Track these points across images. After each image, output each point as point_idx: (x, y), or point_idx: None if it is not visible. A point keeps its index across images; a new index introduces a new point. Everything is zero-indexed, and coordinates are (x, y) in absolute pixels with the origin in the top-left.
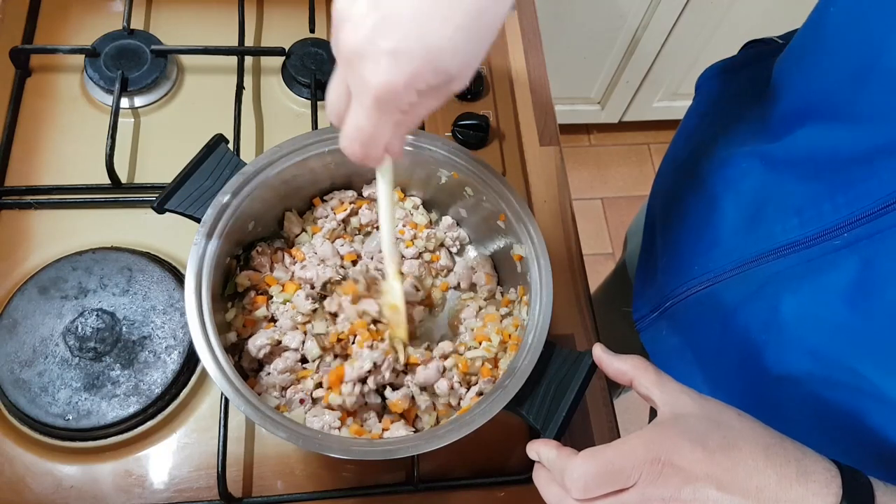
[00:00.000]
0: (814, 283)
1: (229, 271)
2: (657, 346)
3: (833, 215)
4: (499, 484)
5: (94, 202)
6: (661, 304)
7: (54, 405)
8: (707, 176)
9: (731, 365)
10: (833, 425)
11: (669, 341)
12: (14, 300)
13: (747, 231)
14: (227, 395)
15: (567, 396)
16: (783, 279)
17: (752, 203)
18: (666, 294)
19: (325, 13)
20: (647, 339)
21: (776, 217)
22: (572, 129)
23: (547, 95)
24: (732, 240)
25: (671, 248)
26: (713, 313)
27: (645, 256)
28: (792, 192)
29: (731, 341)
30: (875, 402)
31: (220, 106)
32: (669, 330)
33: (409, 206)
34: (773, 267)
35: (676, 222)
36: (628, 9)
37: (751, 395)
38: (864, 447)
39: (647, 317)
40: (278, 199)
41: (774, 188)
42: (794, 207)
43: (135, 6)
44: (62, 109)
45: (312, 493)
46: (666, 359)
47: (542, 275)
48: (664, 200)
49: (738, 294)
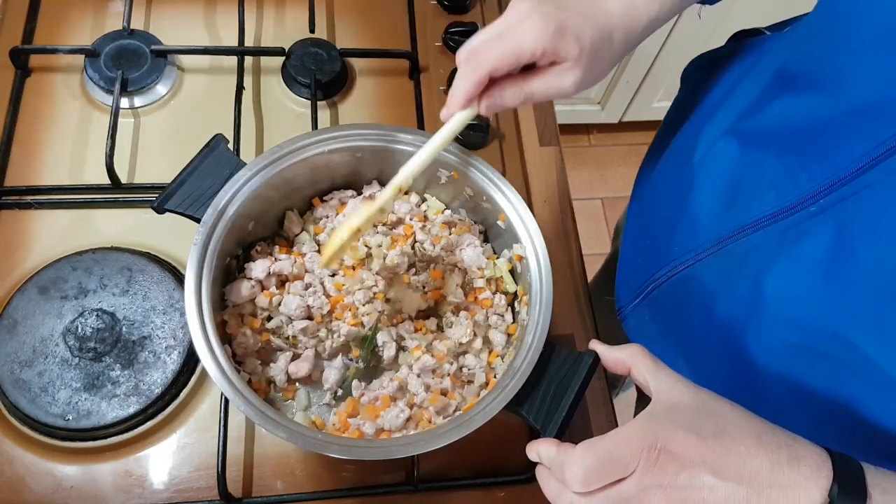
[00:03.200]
0: (791, 252)
1: (229, 271)
2: (640, 334)
3: (808, 184)
4: (499, 484)
5: (94, 202)
6: (643, 290)
7: (54, 405)
8: (686, 160)
9: (714, 347)
10: (817, 403)
11: (652, 328)
12: (14, 300)
13: (725, 209)
14: (227, 395)
15: (567, 396)
16: (761, 252)
17: (730, 182)
18: (647, 279)
19: (325, 13)
20: (630, 328)
21: (753, 193)
22: (572, 129)
23: None
24: (710, 218)
25: (652, 233)
26: (694, 294)
27: (628, 244)
28: (768, 168)
29: (712, 321)
30: (858, 369)
31: (220, 106)
32: (651, 315)
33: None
34: (752, 240)
35: (656, 208)
36: None
37: (734, 377)
38: (848, 425)
39: (629, 305)
40: (278, 199)
41: (751, 166)
42: (771, 183)
43: (135, 6)
44: (62, 109)
45: (312, 493)
46: (649, 346)
47: (542, 275)
48: (646, 189)
49: (717, 272)
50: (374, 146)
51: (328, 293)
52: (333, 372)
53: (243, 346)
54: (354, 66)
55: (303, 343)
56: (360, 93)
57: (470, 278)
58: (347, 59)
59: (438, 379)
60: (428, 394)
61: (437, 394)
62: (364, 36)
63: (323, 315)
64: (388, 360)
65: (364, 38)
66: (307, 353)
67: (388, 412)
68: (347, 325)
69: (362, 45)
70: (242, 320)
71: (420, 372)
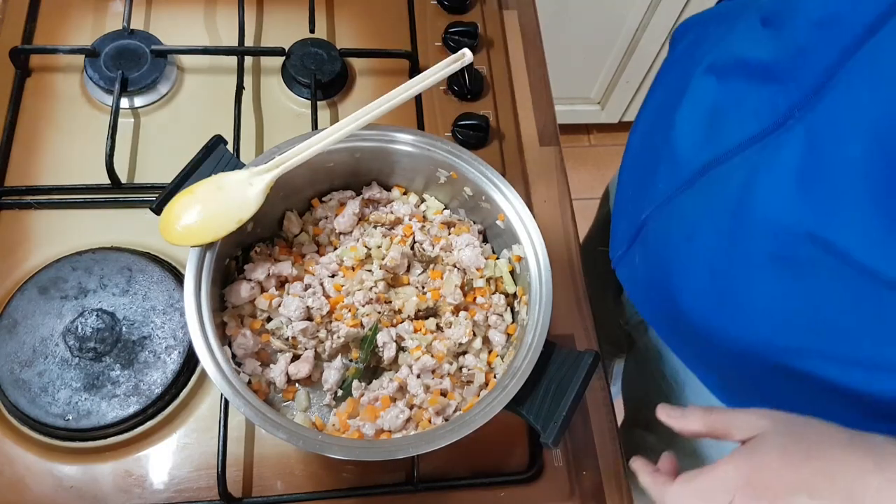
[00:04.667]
0: (770, 166)
1: (229, 272)
2: (632, 280)
3: (785, 105)
4: (499, 484)
5: (94, 202)
6: (632, 234)
7: (54, 405)
8: (669, 106)
9: (699, 275)
10: (800, 316)
11: (642, 271)
12: (14, 300)
13: (705, 139)
14: (227, 396)
15: (567, 396)
16: (741, 171)
17: (709, 114)
18: (636, 221)
19: (325, 13)
20: (623, 276)
21: (733, 122)
22: (572, 129)
23: (547, 95)
24: (691, 150)
25: (638, 178)
26: (679, 225)
27: (619, 195)
28: (747, 98)
29: (697, 248)
30: (837, 272)
31: (220, 106)
32: (641, 258)
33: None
34: (733, 163)
35: (643, 155)
36: (628, 9)
37: (721, 303)
38: (829, 335)
39: (621, 251)
40: (277, 200)
41: (729, 98)
42: (751, 110)
43: (135, 6)
44: (62, 109)
45: (312, 494)
46: (642, 291)
47: (542, 275)
48: (634, 142)
49: (700, 198)
50: (373, 147)
51: (328, 294)
52: (333, 373)
53: (243, 348)
54: (354, 66)
55: (302, 344)
56: (360, 93)
57: (469, 278)
58: (347, 59)
59: (438, 379)
60: (428, 394)
61: (437, 394)
62: (364, 36)
63: (322, 316)
64: (387, 360)
65: (364, 38)
66: (307, 353)
67: (387, 412)
68: (347, 326)
69: (362, 45)
70: (242, 321)
71: (420, 372)
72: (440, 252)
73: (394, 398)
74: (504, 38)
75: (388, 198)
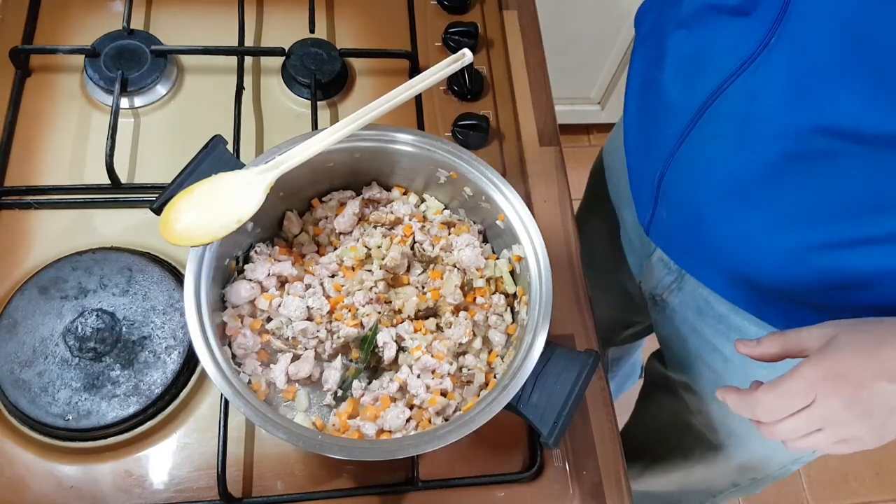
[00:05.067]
0: (765, 80)
1: (229, 272)
2: (666, 238)
3: (760, 28)
4: (499, 484)
5: (94, 202)
6: (653, 193)
7: (54, 405)
8: (654, 75)
9: (728, 206)
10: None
11: (672, 225)
12: (14, 300)
13: (694, 83)
14: (228, 396)
15: (567, 396)
16: (738, 99)
17: (691, 62)
18: (653, 181)
19: (325, 13)
20: (657, 237)
21: (716, 59)
22: (572, 129)
23: (547, 95)
24: (684, 97)
25: (642, 144)
26: (694, 167)
27: (631, 169)
28: (721, 35)
29: (718, 181)
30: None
31: (220, 106)
32: (668, 212)
33: (413, 201)
34: (728, 94)
35: (642, 119)
36: (628, 9)
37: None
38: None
39: (648, 214)
40: (277, 200)
41: (705, 41)
42: (729, 45)
43: (135, 6)
44: (62, 109)
45: (312, 493)
46: (677, 244)
47: (542, 275)
48: (634, 100)
49: (707, 135)
50: (373, 147)
51: (328, 294)
52: (333, 373)
53: (243, 348)
54: (354, 66)
55: (303, 344)
56: (360, 93)
57: (469, 278)
58: (347, 59)
59: (438, 379)
60: (428, 394)
61: (437, 394)
62: (364, 36)
63: (323, 316)
64: (388, 360)
65: (364, 38)
66: (307, 354)
67: (388, 412)
68: (347, 326)
69: (362, 45)
70: (242, 321)
71: (420, 372)
72: (440, 252)
73: (394, 398)
74: (504, 38)
75: (388, 198)
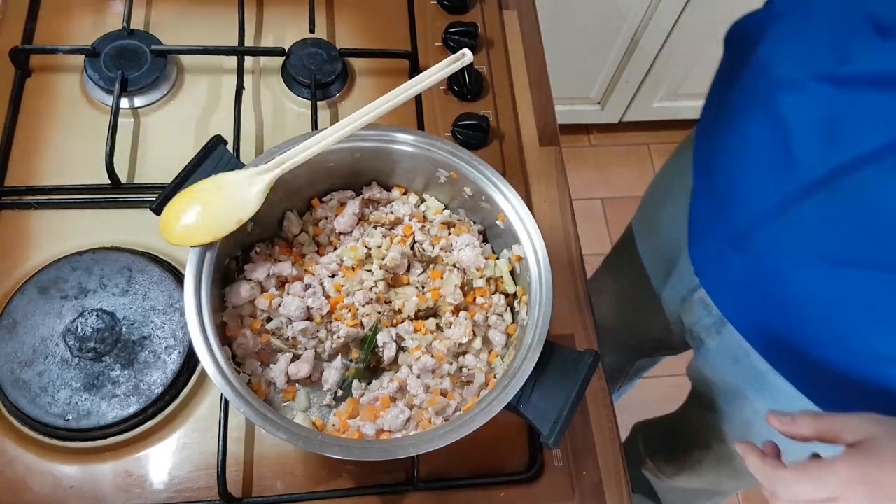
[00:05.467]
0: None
1: (229, 272)
2: (723, 285)
3: None
4: (499, 484)
5: (94, 202)
6: (733, 239)
7: (54, 405)
8: (767, 103)
9: (812, 290)
10: None
11: (741, 279)
12: (14, 300)
13: (827, 148)
14: (228, 396)
15: (567, 396)
16: (878, 184)
17: (827, 120)
18: (739, 225)
19: (325, 13)
20: (711, 280)
21: (858, 129)
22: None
23: (547, 95)
24: (810, 157)
25: (737, 179)
26: (799, 239)
27: (703, 199)
28: (872, 107)
29: (819, 260)
30: None
31: (220, 106)
32: (743, 265)
33: (413, 201)
34: (866, 174)
35: (738, 154)
36: (628, 9)
37: (845, 326)
38: None
39: (710, 261)
40: (277, 200)
41: (851, 107)
42: (879, 120)
43: (135, 6)
44: (62, 109)
45: (312, 493)
46: (735, 298)
47: (542, 275)
48: (713, 141)
49: (827, 212)
50: (373, 147)
51: (328, 294)
52: (333, 373)
53: (243, 348)
54: (354, 66)
55: (302, 344)
56: (360, 93)
57: (469, 278)
58: (347, 59)
59: (438, 379)
60: (428, 394)
61: (437, 394)
62: (364, 36)
63: (322, 316)
64: (387, 360)
65: (364, 38)
66: (307, 354)
67: (387, 412)
68: (347, 326)
69: (362, 45)
70: (242, 322)
71: (420, 372)
72: (440, 252)
73: (394, 398)
74: (504, 38)
75: (388, 198)
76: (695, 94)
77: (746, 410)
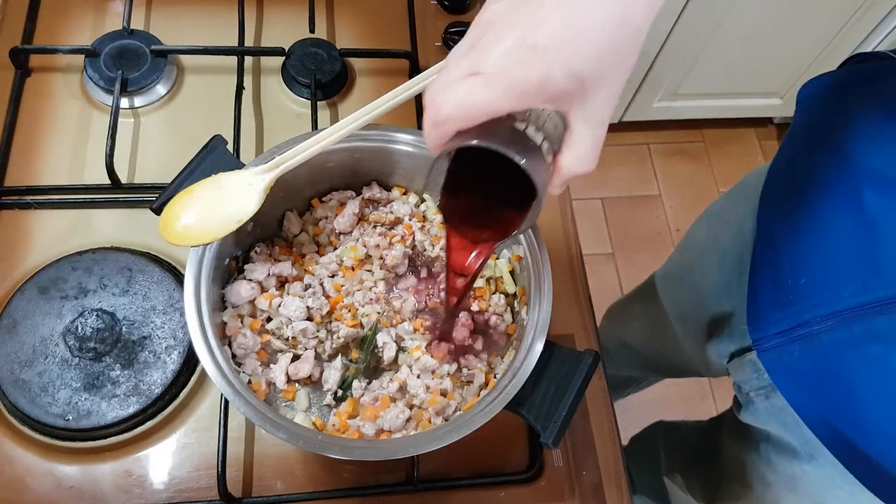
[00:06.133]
0: None
1: (229, 272)
2: (783, 369)
3: None
4: (499, 484)
5: (94, 202)
6: (796, 329)
7: (54, 405)
8: (853, 198)
9: (882, 401)
10: None
11: (803, 369)
12: (14, 300)
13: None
14: (228, 396)
15: (567, 396)
16: None
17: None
18: (806, 318)
19: (325, 13)
20: (769, 360)
21: None
22: None
23: None
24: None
25: (808, 267)
26: (871, 344)
27: (766, 273)
28: None
29: (890, 374)
30: None
31: (220, 106)
32: (803, 354)
33: (413, 201)
34: None
35: (812, 240)
36: None
37: None
38: None
39: (771, 338)
40: (277, 200)
41: None
42: None
43: (135, 6)
44: (62, 109)
45: (312, 493)
46: (795, 384)
47: (543, 275)
48: (784, 216)
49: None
50: (373, 147)
51: (328, 294)
52: (333, 373)
53: (243, 348)
54: (354, 66)
55: (303, 344)
56: (360, 93)
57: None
58: (347, 59)
59: (438, 379)
60: (428, 394)
61: (437, 394)
62: (364, 36)
63: (322, 316)
64: (387, 360)
65: (364, 38)
66: (307, 354)
67: (387, 413)
68: (347, 326)
69: (362, 45)
70: (242, 321)
71: (420, 372)
72: (440, 252)
73: (394, 398)
74: None
75: (388, 198)
76: (695, 94)
77: (794, 467)
